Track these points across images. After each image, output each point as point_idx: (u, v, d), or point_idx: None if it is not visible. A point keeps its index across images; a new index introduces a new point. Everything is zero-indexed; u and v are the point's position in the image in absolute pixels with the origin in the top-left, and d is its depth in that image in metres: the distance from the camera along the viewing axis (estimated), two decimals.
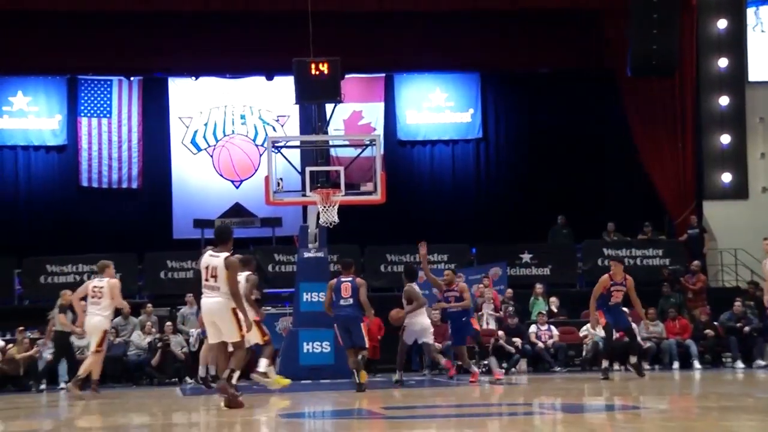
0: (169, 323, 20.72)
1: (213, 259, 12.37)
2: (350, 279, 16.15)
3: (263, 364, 15.39)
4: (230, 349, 12.58)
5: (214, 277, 12.26)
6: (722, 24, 26.53)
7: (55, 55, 25.87)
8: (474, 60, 27.41)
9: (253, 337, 14.20)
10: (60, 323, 18.46)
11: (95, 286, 16.20)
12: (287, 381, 16.01)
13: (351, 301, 16.00)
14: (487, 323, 21.46)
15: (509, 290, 22.54)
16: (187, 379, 20.23)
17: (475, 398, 14.09)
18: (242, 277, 14.40)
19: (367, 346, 16.54)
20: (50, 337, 19.46)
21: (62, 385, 19.88)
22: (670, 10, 24.06)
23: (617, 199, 27.45)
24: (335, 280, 16.32)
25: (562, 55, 27.12)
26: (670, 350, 21.35)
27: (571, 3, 26.06)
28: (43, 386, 19.76)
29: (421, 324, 17.17)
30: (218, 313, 12.27)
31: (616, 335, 20.46)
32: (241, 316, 12.29)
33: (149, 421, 11.40)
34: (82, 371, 16.28)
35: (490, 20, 26.25)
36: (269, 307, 20.07)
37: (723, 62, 26.50)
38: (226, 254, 12.36)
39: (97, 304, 16.07)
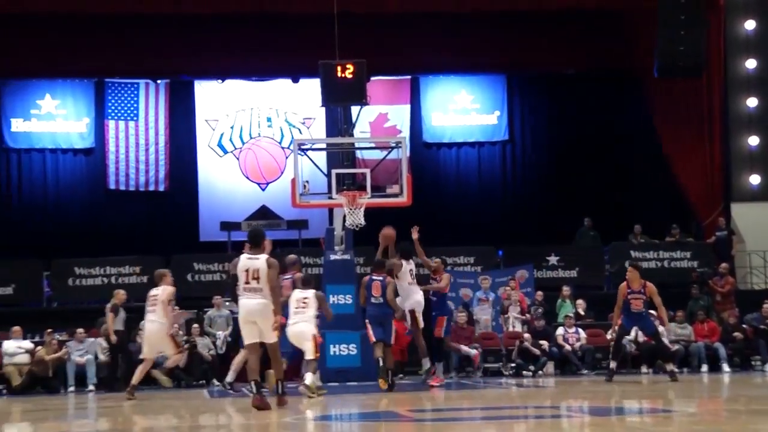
0: (195, 325, 20.76)
1: (253, 261, 12.57)
2: (381, 278, 16.70)
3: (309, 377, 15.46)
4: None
5: (256, 278, 12.46)
6: (750, 25, 26.37)
7: (82, 58, 25.99)
8: (500, 62, 27.36)
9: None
10: (108, 323, 19.22)
11: (152, 295, 16.29)
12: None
13: (381, 299, 16.60)
14: (513, 326, 21.42)
15: (539, 293, 22.51)
16: (215, 381, 20.27)
17: (502, 401, 14.06)
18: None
19: (392, 343, 16.87)
20: (103, 335, 19.84)
21: (90, 387, 20.00)
22: (697, 11, 23.90)
23: (644, 201, 27.32)
24: (367, 278, 16.96)
25: (588, 57, 27.03)
26: (698, 353, 21.25)
27: (597, 4, 25.95)
28: (71, 388, 19.85)
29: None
30: (260, 314, 12.49)
31: (643, 339, 20.46)
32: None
33: (178, 423, 11.43)
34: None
35: (515, 21, 26.18)
36: None
37: (751, 63, 26.35)
38: (265, 256, 12.59)
39: (153, 312, 16.12)
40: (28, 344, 20.39)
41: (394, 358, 18.19)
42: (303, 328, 15.21)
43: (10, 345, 20.29)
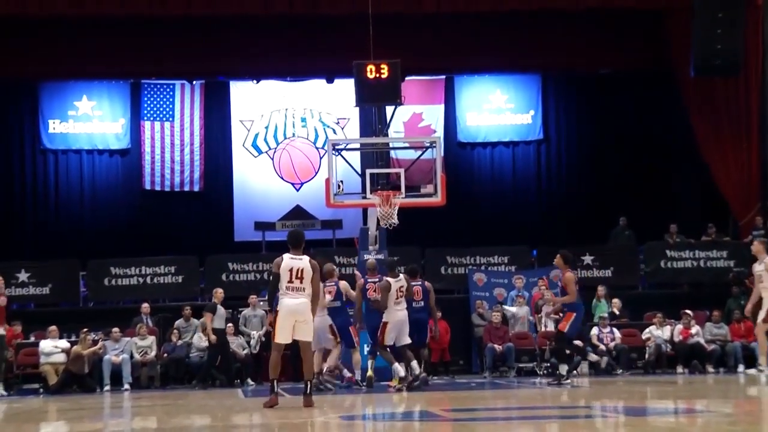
0: (230, 324, 20.82)
1: (296, 261, 12.87)
2: (420, 282, 17.31)
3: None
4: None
5: (300, 278, 12.78)
6: None
7: (119, 59, 26.11)
8: (534, 61, 27.23)
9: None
10: (206, 323, 19.72)
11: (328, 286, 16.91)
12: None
13: (422, 303, 17.18)
14: (545, 326, 21.33)
15: None
16: (249, 380, 20.34)
17: (536, 401, 14.02)
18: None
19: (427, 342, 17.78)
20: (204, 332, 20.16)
21: (126, 386, 20.12)
22: (734, 9, 23.69)
23: (680, 201, 27.16)
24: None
25: (623, 56, 26.86)
26: (735, 353, 21.10)
27: (633, 3, 25.73)
28: (107, 387, 19.97)
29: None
30: (302, 314, 12.80)
31: (678, 338, 20.33)
32: None
33: (212, 423, 11.47)
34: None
35: (550, 21, 26.06)
36: None
37: None
38: (308, 257, 12.97)
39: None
40: (64, 344, 20.52)
41: (434, 358, 18.35)
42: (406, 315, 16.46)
43: (46, 344, 20.45)
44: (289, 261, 12.86)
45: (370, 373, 16.76)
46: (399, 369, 16.36)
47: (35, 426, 12.38)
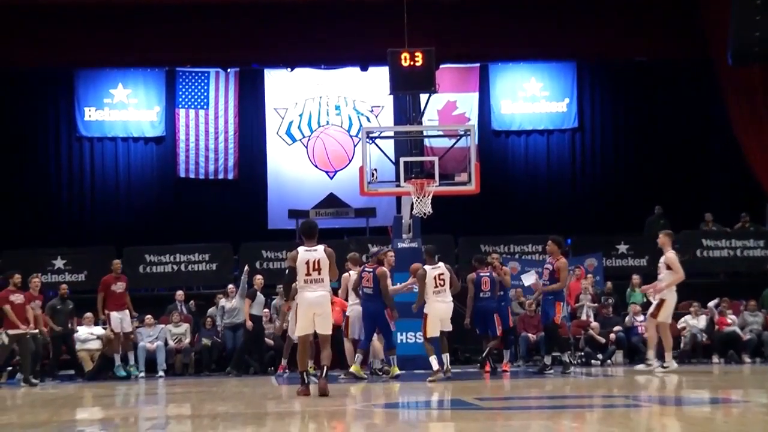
0: (266, 310, 20.86)
1: (312, 253, 12.78)
2: (488, 274, 17.65)
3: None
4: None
5: (318, 270, 12.69)
6: None
7: (154, 47, 26.23)
8: (570, 49, 27.10)
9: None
10: (244, 309, 19.99)
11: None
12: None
13: (489, 294, 17.58)
14: (588, 315, 21.26)
15: (608, 283, 22.35)
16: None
17: (570, 390, 13.96)
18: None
19: (498, 334, 17.92)
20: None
21: (160, 373, 20.21)
22: None
23: (716, 189, 26.97)
24: (474, 274, 17.80)
25: (659, 44, 26.66)
26: None
27: None
28: (141, 374, 20.07)
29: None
30: (321, 306, 12.74)
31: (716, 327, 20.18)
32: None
33: (245, 410, 11.51)
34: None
35: (586, 8, 25.93)
36: None
37: None
38: (322, 246, 12.83)
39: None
40: (99, 330, 20.62)
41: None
42: (450, 307, 16.30)
43: (82, 331, 20.56)
44: (304, 254, 12.79)
45: (388, 367, 17.14)
46: (433, 362, 16.03)
47: (71, 411, 12.45)
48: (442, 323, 16.35)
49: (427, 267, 16.39)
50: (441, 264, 16.54)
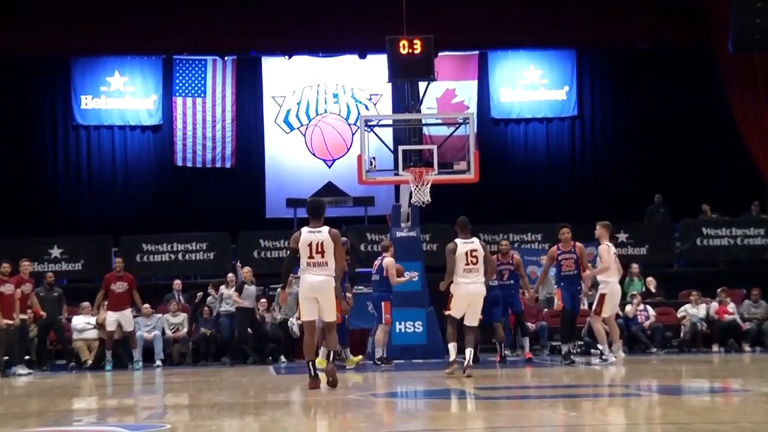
0: (263, 300, 20.76)
1: (315, 235, 12.14)
2: (508, 262, 17.91)
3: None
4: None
5: (321, 252, 12.02)
6: None
7: (151, 35, 26.09)
8: (569, 36, 26.95)
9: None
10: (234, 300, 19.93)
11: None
12: (359, 358, 17.40)
13: (495, 282, 17.02)
14: (587, 304, 21.15)
15: None
16: (282, 358, 20.26)
17: (570, 380, 13.87)
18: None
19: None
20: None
21: (158, 362, 20.09)
22: None
23: (716, 178, 26.87)
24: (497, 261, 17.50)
25: (659, 31, 26.53)
26: None
27: None
28: (139, 365, 19.93)
29: None
30: (323, 291, 12.11)
31: (715, 317, 20.07)
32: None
33: (243, 400, 11.41)
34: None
35: None
36: (361, 287, 20.01)
37: None
38: (327, 228, 12.23)
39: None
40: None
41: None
42: (481, 290, 14.16)
43: (79, 321, 20.41)
44: (307, 235, 12.11)
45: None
46: (452, 351, 14.13)
47: (68, 401, 12.37)
48: (470, 309, 14.07)
49: (458, 240, 14.22)
50: (475, 239, 14.34)
